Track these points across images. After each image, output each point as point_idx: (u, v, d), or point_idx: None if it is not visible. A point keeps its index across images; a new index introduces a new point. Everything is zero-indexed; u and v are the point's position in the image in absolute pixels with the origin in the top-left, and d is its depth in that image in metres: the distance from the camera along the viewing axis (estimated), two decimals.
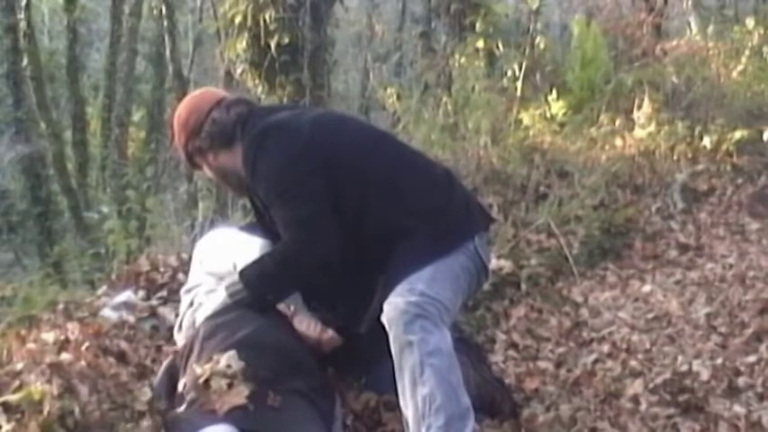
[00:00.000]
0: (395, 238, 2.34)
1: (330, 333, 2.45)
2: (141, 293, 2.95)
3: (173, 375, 2.31)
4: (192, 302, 2.55)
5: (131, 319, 2.79)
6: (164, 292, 2.96)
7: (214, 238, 2.69)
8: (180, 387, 2.21)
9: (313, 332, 2.43)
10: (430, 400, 2.20)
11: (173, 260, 3.23)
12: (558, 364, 3.12)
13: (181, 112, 2.56)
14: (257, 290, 2.37)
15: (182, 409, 2.09)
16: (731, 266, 4.16)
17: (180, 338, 2.53)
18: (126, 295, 2.92)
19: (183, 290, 2.67)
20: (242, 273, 2.38)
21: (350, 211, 2.35)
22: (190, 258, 3.24)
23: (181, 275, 3.07)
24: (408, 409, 2.25)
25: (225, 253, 2.54)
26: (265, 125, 2.44)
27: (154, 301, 2.91)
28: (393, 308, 2.24)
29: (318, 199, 2.33)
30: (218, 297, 2.40)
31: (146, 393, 2.15)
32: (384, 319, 2.26)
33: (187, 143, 2.52)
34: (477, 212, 2.54)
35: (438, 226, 2.37)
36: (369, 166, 2.42)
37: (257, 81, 6.77)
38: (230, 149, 2.48)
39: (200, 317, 2.41)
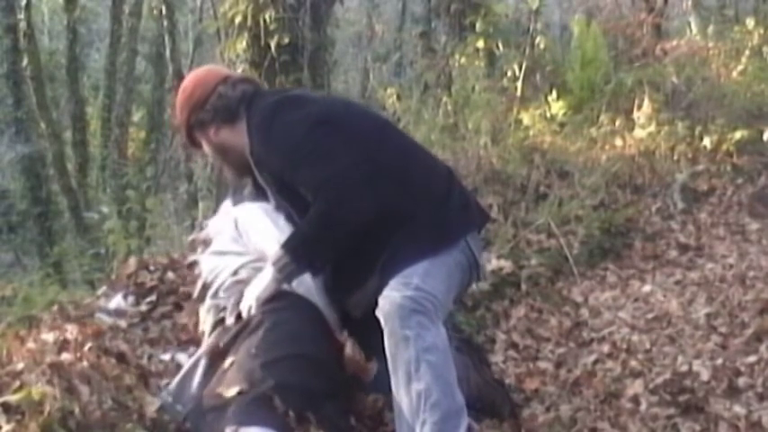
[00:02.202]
0: (396, 222, 2.32)
1: (372, 365, 2.45)
2: (131, 299, 2.95)
3: (216, 352, 2.32)
4: (237, 272, 2.52)
5: (123, 324, 2.79)
6: (153, 297, 2.96)
7: (257, 216, 2.61)
8: (227, 363, 2.22)
9: (361, 360, 2.43)
10: (426, 396, 2.20)
11: (163, 259, 3.23)
12: (558, 365, 3.12)
13: (186, 85, 2.56)
14: (304, 257, 2.33)
15: (230, 393, 2.11)
16: (731, 266, 4.16)
17: (219, 305, 2.50)
18: (116, 301, 2.92)
19: (210, 251, 2.65)
20: (285, 245, 2.34)
21: None
22: (180, 257, 3.26)
23: (170, 274, 3.07)
24: (402, 403, 2.24)
25: (274, 238, 2.51)
26: (277, 98, 2.46)
27: (143, 307, 2.91)
28: (389, 302, 2.23)
29: (347, 154, 2.31)
30: (266, 276, 2.37)
31: (154, 403, 2.15)
32: (379, 313, 2.25)
33: (190, 116, 2.51)
34: (474, 209, 2.54)
35: (437, 216, 2.37)
36: (379, 147, 2.42)
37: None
38: (233, 126, 2.48)
39: (249, 295, 2.37)
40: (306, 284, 2.45)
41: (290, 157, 2.32)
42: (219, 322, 2.46)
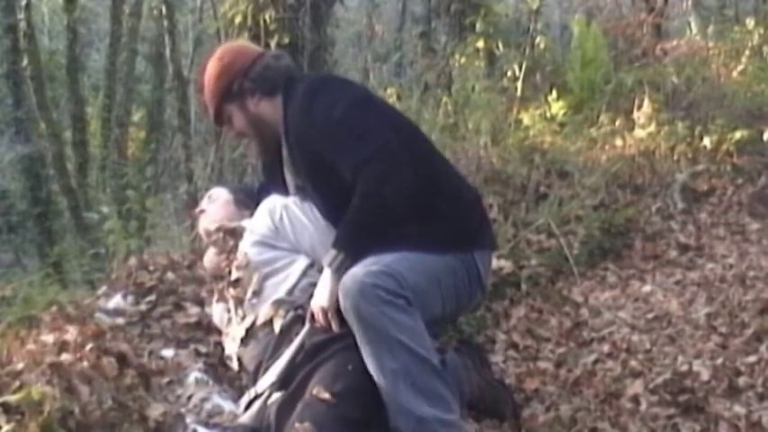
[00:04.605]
0: (421, 214, 2.30)
1: None
2: (130, 299, 2.94)
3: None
4: (306, 272, 2.48)
5: (122, 323, 2.78)
6: (152, 296, 2.96)
7: (292, 208, 2.54)
8: (304, 375, 2.24)
9: None
10: (404, 375, 2.16)
11: (163, 259, 3.22)
12: (558, 364, 3.12)
13: (222, 55, 2.51)
14: (357, 248, 2.28)
15: (320, 393, 2.14)
16: (731, 266, 4.16)
17: (295, 302, 2.45)
18: (115, 301, 2.92)
19: (252, 240, 2.54)
20: (336, 242, 2.29)
21: None
22: (180, 257, 3.25)
23: (170, 274, 3.07)
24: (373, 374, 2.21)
25: (310, 233, 2.50)
26: (318, 78, 2.50)
27: (143, 307, 2.91)
28: (350, 277, 2.19)
29: (388, 132, 2.29)
30: (326, 280, 2.31)
31: (158, 408, 2.15)
32: (340, 288, 2.21)
33: (231, 84, 2.45)
34: (491, 232, 2.56)
35: (459, 224, 2.36)
36: (414, 138, 2.42)
37: None
38: (271, 99, 2.45)
39: (317, 303, 2.33)
40: None
41: (332, 132, 2.29)
42: (297, 319, 2.42)
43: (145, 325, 2.82)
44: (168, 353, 2.66)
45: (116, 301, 2.93)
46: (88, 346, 2.16)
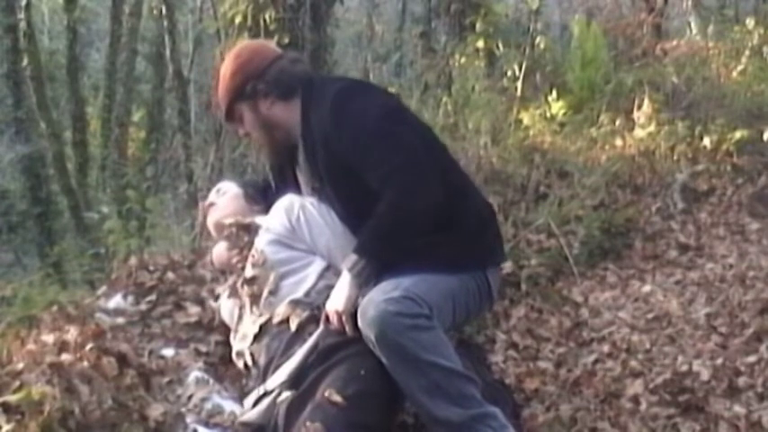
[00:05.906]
0: (440, 225, 2.30)
1: None
2: (131, 298, 2.94)
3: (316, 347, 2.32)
4: (323, 275, 2.48)
5: (122, 323, 2.78)
6: (153, 296, 2.95)
7: (309, 209, 2.52)
8: (315, 376, 2.24)
9: None
10: (436, 390, 2.18)
11: (163, 259, 3.22)
12: (558, 364, 3.12)
13: (239, 53, 2.50)
14: (380, 256, 2.28)
15: (332, 396, 2.15)
16: (731, 266, 4.16)
17: (313, 303, 2.44)
18: (115, 301, 2.91)
19: (269, 238, 2.52)
20: (358, 248, 2.29)
21: None
22: (180, 257, 3.25)
23: (170, 274, 3.07)
24: (405, 388, 2.23)
25: (326, 235, 2.50)
26: (352, 80, 2.50)
27: (143, 306, 2.91)
28: (371, 305, 2.19)
29: (418, 142, 2.29)
30: (344, 285, 2.31)
31: (158, 408, 2.15)
32: (361, 315, 2.21)
33: (245, 83, 2.44)
34: (502, 244, 2.57)
35: (475, 238, 2.36)
36: (438, 150, 2.43)
37: None
38: (287, 103, 2.44)
39: (333, 307, 2.32)
40: None
41: (362, 140, 2.28)
42: (312, 319, 2.41)
43: (145, 325, 2.82)
44: (168, 352, 2.65)
45: (116, 301, 2.92)
46: (88, 346, 2.16)
